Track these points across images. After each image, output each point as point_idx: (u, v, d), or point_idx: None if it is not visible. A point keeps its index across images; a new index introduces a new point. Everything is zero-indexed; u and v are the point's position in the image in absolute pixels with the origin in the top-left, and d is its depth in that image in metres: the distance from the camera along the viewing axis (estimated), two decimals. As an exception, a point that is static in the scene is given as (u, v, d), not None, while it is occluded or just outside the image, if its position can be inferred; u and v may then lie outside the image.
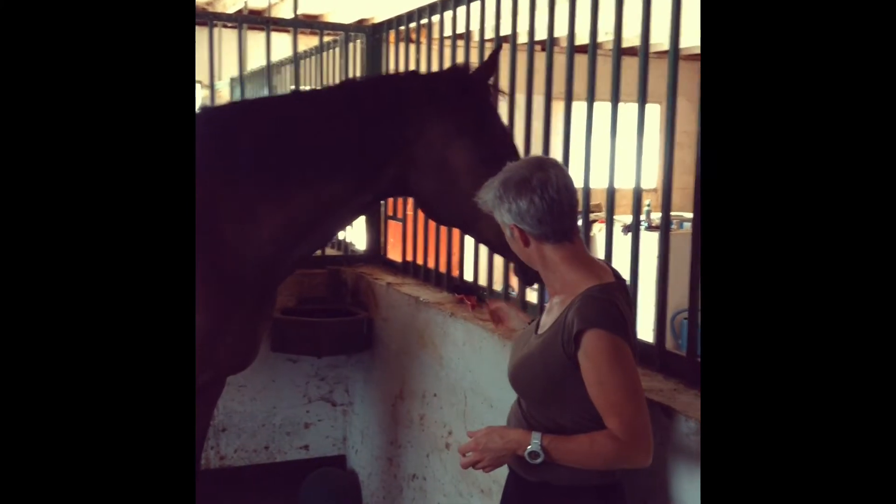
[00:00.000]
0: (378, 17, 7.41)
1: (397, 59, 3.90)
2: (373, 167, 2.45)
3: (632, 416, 1.69)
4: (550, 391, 1.81)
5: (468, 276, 3.40)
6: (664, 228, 2.25)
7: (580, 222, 1.99)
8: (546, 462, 1.76)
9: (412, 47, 3.74)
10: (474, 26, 3.26)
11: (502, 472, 1.98)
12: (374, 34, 4.20)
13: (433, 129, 2.40)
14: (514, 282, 2.86)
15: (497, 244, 2.38)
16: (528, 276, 2.32)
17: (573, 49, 2.62)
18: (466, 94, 2.41)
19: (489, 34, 3.17)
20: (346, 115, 2.45)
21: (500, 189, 1.81)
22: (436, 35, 3.55)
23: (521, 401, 1.93)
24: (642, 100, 2.32)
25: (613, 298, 1.76)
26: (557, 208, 1.77)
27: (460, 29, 3.34)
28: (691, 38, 2.17)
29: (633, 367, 1.74)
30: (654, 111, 8.92)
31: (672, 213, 2.27)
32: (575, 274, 1.82)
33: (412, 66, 3.67)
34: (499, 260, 2.72)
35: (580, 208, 2.71)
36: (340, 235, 4.59)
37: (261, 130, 2.45)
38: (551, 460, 1.75)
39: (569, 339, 1.73)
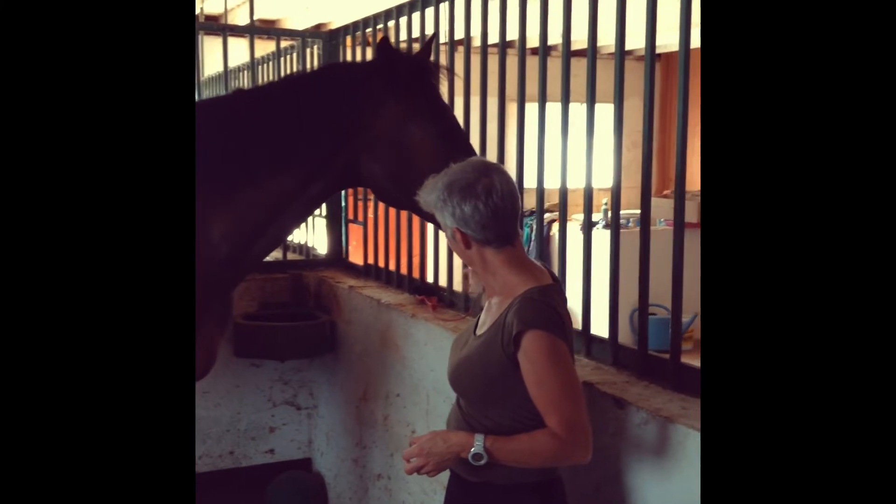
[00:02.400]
0: (335, 22, 7.42)
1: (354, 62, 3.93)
2: (324, 157, 2.45)
3: (571, 414, 1.72)
4: (490, 391, 1.84)
5: (429, 277, 3.45)
6: (614, 227, 2.31)
7: (535, 223, 2.03)
8: (488, 463, 1.78)
9: (369, 52, 3.77)
10: (430, 31, 3.31)
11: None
12: (330, 40, 4.23)
13: (389, 112, 2.41)
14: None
15: None
16: None
17: (524, 51, 2.67)
18: (422, 76, 2.43)
19: (444, 39, 3.22)
20: (293, 108, 2.44)
21: (444, 192, 1.81)
22: (392, 40, 3.59)
23: (460, 401, 1.95)
24: (591, 100, 2.38)
25: (551, 300, 1.80)
26: (501, 214, 1.79)
27: (416, 34, 3.39)
28: (637, 39, 2.22)
29: (570, 366, 1.79)
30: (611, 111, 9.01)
31: (630, 212, 2.32)
32: (515, 277, 1.85)
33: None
34: (458, 261, 2.77)
35: (535, 209, 2.78)
36: (302, 240, 4.61)
37: (204, 131, 2.43)
38: (494, 461, 1.77)
39: (508, 340, 1.76)
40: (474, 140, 2.95)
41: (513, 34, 2.77)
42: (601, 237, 3.93)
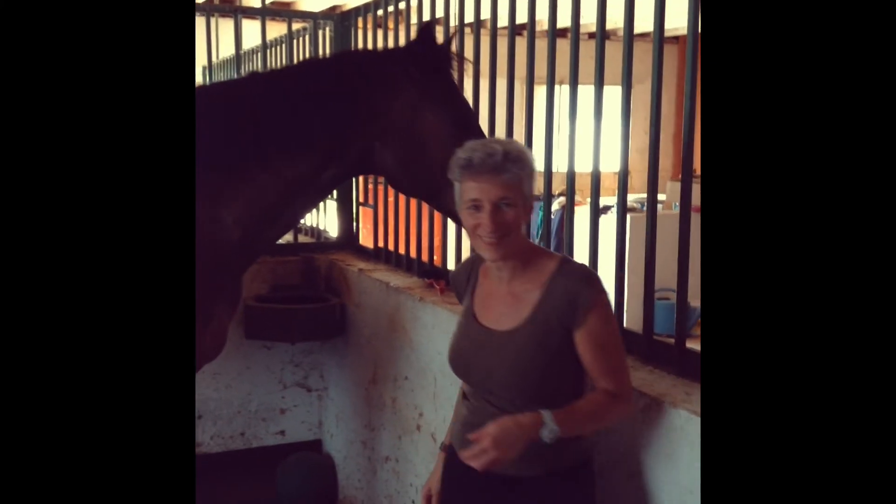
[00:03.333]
0: (348, 4, 7.40)
1: (366, 47, 3.92)
2: (339, 143, 2.42)
3: (623, 374, 1.80)
4: (555, 377, 1.80)
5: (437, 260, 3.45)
6: (620, 211, 2.30)
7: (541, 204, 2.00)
8: (543, 451, 1.70)
9: (380, 34, 3.76)
10: (440, 13, 3.29)
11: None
12: (342, 22, 4.22)
13: (404, 100, 2.39)
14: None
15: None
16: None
17: (534, 34, 2.65)
18: (441, 64, 2.42)
19: (455, 21, 3.20)
20: (310, 94, 2.42)
21: (532, 162, 1.82)
22: (403, 22, 3.58)
23: (495, 402, 1.83)
24: (599, 83, 2.36)
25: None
26: None
27: (426, 16, 3.37)
28: (647, 22, 2.19)
29: (617, 326, 1.86)
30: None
31: (645, 196, 2.27)
32: (532, 249, 1.88)
33: (380, 53, 3.69)
34: (467, 244, 2.76)
35: (542, 192, 2.77)
36: (313, 223, 4.62)
37: (218, 113, 2.39)
38: (564, 434, 1.67)
39: (573, 313, 1.75)
40: (483, 123, 2.94)
41: (523, 17, 2.74)
42: (614, 221, 3.91)
